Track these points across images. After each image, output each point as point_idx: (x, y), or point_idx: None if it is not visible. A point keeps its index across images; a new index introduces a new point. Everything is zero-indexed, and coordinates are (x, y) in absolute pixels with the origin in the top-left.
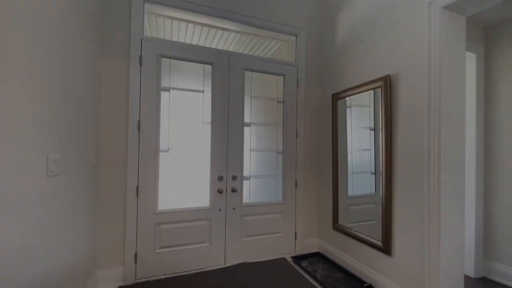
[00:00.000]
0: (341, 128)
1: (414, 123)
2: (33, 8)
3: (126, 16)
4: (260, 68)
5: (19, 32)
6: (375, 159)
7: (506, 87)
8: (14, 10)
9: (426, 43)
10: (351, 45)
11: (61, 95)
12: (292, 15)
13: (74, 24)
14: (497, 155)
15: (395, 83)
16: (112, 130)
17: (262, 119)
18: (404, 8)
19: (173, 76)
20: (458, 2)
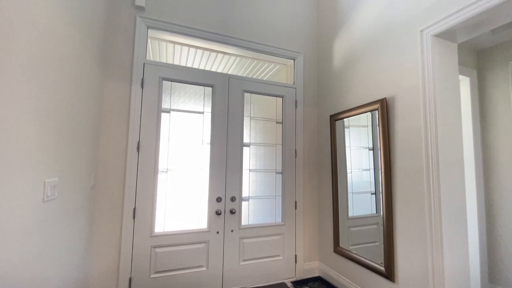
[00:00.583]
0: (339, 148)
1: (412, 145)
2: (37, 29)
3: (130, 41)
4: (259, 90)
5: (21, 55)
6: (375, 179)
7: (500, 107)
8: (18, 32)
9: (420, 68)
10: (347, 69)
11: (62, 118)
12: (290, 41)
13: (78, 48)
14: (497, 174)
15: (392, 106)
16: (111, 151)
17: (261, 140)
18: (397, 34)
19: (173, 97)
20: (448, 31)
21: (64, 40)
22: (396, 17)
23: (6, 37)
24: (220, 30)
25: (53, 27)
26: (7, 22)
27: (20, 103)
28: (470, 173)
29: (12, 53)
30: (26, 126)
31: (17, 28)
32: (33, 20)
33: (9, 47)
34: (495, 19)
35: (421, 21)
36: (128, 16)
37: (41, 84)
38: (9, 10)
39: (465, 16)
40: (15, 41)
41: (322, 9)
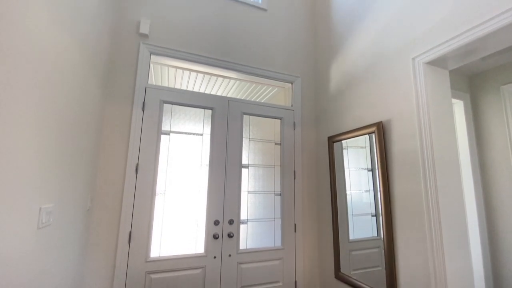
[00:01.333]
0: (338, 169)
1: (409, 168)
2: (45, 58)
3: (133, 67)
4: (258, 112)
5: (22, 78)
6: (375, 200)
7: (495, 130)
8: (21, 58)
9: (414, 93)
10: (344, 92)
11: (62, 142)
12: (288, 65)
13: (82, 74)
14: (497, 196)
15: (388, 129)
16: (110, 173)
17: (260, 161)
18: (391, 61)
19: (174, 120)
20: (439, 59)
21: (69, 67)
22: (389, 44)
23: (16, 61)
24: (220, 56)
25: (59, 56)
26: (19, 49)
27: (20, 128)
28: (470, 195)
29: (16, 79)
30: (26, 151)
31: (25, 55)
32: (41, 49)
33: (15, 72)
34: (483, 48)
35: (412, 49)
36: (132, 43)
37: (43, 110)
38: (23, 40)
39: (454, 45)
40: (20, 68)
41: (319, 35)
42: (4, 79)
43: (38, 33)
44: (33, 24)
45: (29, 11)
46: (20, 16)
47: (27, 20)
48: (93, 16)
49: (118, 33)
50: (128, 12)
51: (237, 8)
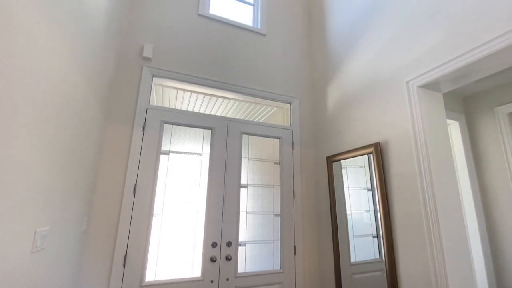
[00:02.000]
0: (338, 189)
1: (408, 190)
2: (50, 83)
3: (135, 88)
4: (257, 132)
5: (22, 99)
6: (376, 221)
7: (492, 150)
8: (23, 79)
9: (409, 115)
10: (341, 113)
11: (61, 164)
12: (286, 86)
13: (86, 98)
14: (498, 216)
15: (386, 150)
16: (107, 194)
17: (259, 181)
18: (385, 84)
19: (173, 139)
20: (432, 83)
21: (73, 92)
22: (384, 68)
23: (18, 83)
24: (220, 78)
25: (64, 81)
26: (26, 76)
27: (18, 149)
28: (472, 217)
29: (16, 100)
30: (24, 173)
31: (28, 77)
32: (44, 73)
33: (15, 91)
34: (475, 73)
35: (406, 73)
36: (136, 66)
37: (43, 131)
38: (31, 68)
39: (446, 70)
40: (21, 88)
41: (316, 58)
42: (4, 99)
43: (42, 58)
44: (38, 48)
45: (35, 37)
46: (28, 41)
47: (33, 46)
48: (98, 43)
49: (122, 57)
50: (132, 37)
51: (237, 33)
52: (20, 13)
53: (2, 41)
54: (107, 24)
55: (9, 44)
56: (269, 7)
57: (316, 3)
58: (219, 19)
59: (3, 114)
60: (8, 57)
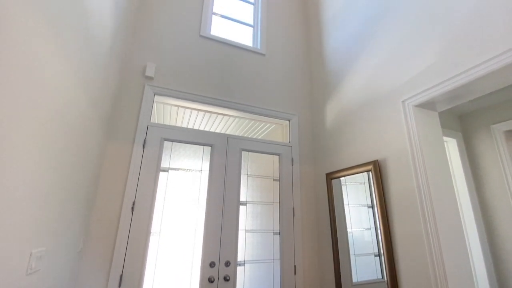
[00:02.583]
0: (338, 206)
1: (408, 208)
2: (46, 97)
3: (137, 107)
4: (256, 149)
5: (24, 117)
6: (377, 239)
7: (490, 167)
8: (27, 97)
9: (406, 134)
10: (340, 130)
11: (60, 185)
12: (285, 103)
13: (88, 118)
14: (499, 232)
15: (384, 168)
16: (105, 213)
17: (258, 198)
18: (382, 102)
19: (173, 156)
20: (427, 102)
21: (76, 111)
22: (380, 87)
23: (21, 100)
24: (220, 95)
25: (68, 101)
26: (31, 95)
27: (16, 170)
28: (473, 235)
29: (18, 117)
30: (22, 192)
31: (32, 96)
32: (48, 92)
33: (17, 109)
34: (469, 93)
35: (402, 93)
36: (138, 85)
37: (43, 151)
38: (37, 91)
39: (441, 90)
40: (23, 106)
41: (314, 76)
42: (5, 118)
43: (48, 80)
44: (44, 70)
45: (42, 60)
46: (35, 62)
47: (40, 67)
48: (102, 63)
49: (125, 76)
50: (135, 57)
51: (237, 52)
52: (30, 37)
53: (11, 63)
54: (112, 45)
55: (19, 66)
56: (268, 28)
57: (313, 23)
58: (220, 40)
59: (1, 131)
60: (16, 78)
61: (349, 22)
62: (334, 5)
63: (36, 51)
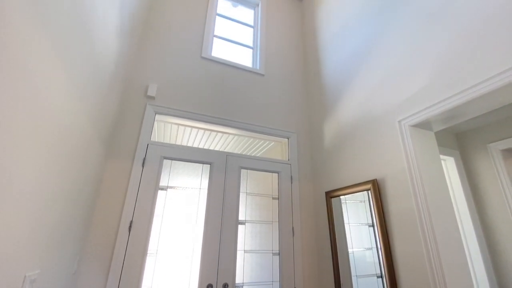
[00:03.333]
0: (338, 226)
1: (408, 229)
2: (48, 118)
3: (138, 125)
4: (255, 167)
5: (26, 139)
6: (379, 259)
7: (489, 186)
8: (29, 119)
9: (403, 153)
10: (338, 148)
11: (58, 206)
12: (283, 122)
13: (90, 138)
14: (502, 251)
15: (383, 187)
16: (101, 232)
17: (257, 216)
18: (378, 122)
19: (172, 174)
20: (423, 122)
21: (78, 132)
22: (376, 106)
23: (24, 123)
24: (220, 114)
25: (71, 126)
26: (37, 119)
27: (12, 189)
28: (476, 253)
29: (19, 140)
30: (17, 212)
31: (35, 118)
32: (50, 112)
33: (18, 132)
34: (464, 114)
35: (398, 113)
36: (139, 104)
37: (44, 172)
38: (43, 117)
39: (436, 111)
40: (25, 128)
41: (312, 95)
42: (7, 140)
43: (54, 104)
44: (50, 92)
45: (49, 85)
46: (44, 92)
47: (47, 94)
48: (105, 85)
49: (127, 96)
50: (138, 77)
51: (237, 73)
52: (39, 65)
53: (20, 90)
54: (115, 68)
55: (28, 91)
56: (267, 49)
57: (311, 45)
58: (221, 61)
59: (6, 158)
60: (23, 105)
61: (345, 45)
62: (330, 30)
63: (44, 78)
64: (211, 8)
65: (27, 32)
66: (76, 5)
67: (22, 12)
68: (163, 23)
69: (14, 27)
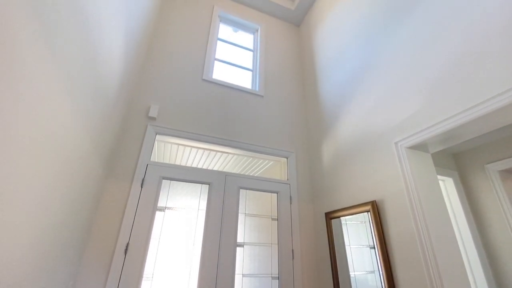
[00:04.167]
0: (339, 248)
1: (409, 252)
2: (49, 141)
3: (138, 146)
4: (254, 187)
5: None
6: (381, 283)
7: (489, 207)
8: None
9: (401, 175)
10: (336, 169)
11: (50, 226)
12: (282, 142)
13: (91, 160)
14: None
15: (382, 209)
16: (97, 255)
17: (256, 239)
18: (375, 144)
19: (170, 195)
20: (419, 144)
21: (79, 153)
22: (373, 128)
23: (26, 144)
24: (219, 134)
25: (74, 149)
26: (43, 145)
27: (8, 212)
28: (480, 276)
29: (20, 161)
30: (11, 238)
31: (43, 149)
32: (52, 135)
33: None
34: (459, 136)
35: (394, 135)
36: (140, 125)
37: (37, 193)
38: (48, 141)
39: (431, 133)
40: (26, 150)
41: (310, 115)
42: (7, 161)
43: (58, 127)
44: (56, 122)
45: (55, 114)
46: (51, 121)
47: (53, 121)
48: (108, 109)
49: (129, 117)
50: (140, 99)
51: (237, 94)
52: (46, 93)
53: (26, 110)
54: (118, 92)
55: (33, 113)
56: (266, 72)
57: (309, 67)
58: (221, 83)
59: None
60: (31, 125)
61: (340, 69)
62: (326, 54)
63: (50, 106)
64: (212, 33)
65: (34, 57)
66: (84, 35)
67: (32, 40)
68: (166, 47)
69: (22, 57)
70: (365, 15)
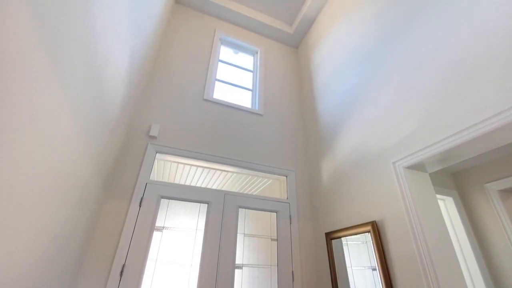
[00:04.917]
0: (340, 270)
1: (410, 274)
2: (49, 161)
3: (138, 165)
4: (253, 206)
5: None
6: None
7: (490, 226)
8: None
9: (400, 195)
10: (336, 188)
11: (46, 248)
12: (281, 160)
13: (91, 180)
14: None
15: (383, 230)
16: (92, 278)
17: (255, 260)
18: (374, 164)
19: (169, 214)
20: (417, 164)
21: (80, 172)
22: (370, 149)
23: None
24: (219, 153)
25: (74, 165)
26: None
27: (4, 231)
28: None
29: (19, 182)
30: (11, 263)
31: (43, 171)
32: (62, 164)
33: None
34: (456, 156)
35: (392, 155)
36: (141, 144)
37: (43, 216)
38: (49, 163)
39: (428, 154)
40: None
41: (309, 134)
42: (8, 181)
43: (62, 149)
44: (60, 146)
45: (59, 136)
46: (56, 146)
47: (57, 144)
48: (109, 131)
49: (130, 136)
50: (141, 118)
51: (237, 113)
52: (51, 115)
53: (35, 131)
54: (121, 111)
55: (35, 135)
56: (266, 91)
57: (307, 87)
58: (221, 102)
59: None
60: (37, 147)
61: (337, 89)
62: (324, 75)
63: (55, 128)
64: (214, 55)
65: (40, 77)
66: (90, 61)
67: (40, 61)
68: (168, 69)
69: (31, 75)
70: (361, 36)
